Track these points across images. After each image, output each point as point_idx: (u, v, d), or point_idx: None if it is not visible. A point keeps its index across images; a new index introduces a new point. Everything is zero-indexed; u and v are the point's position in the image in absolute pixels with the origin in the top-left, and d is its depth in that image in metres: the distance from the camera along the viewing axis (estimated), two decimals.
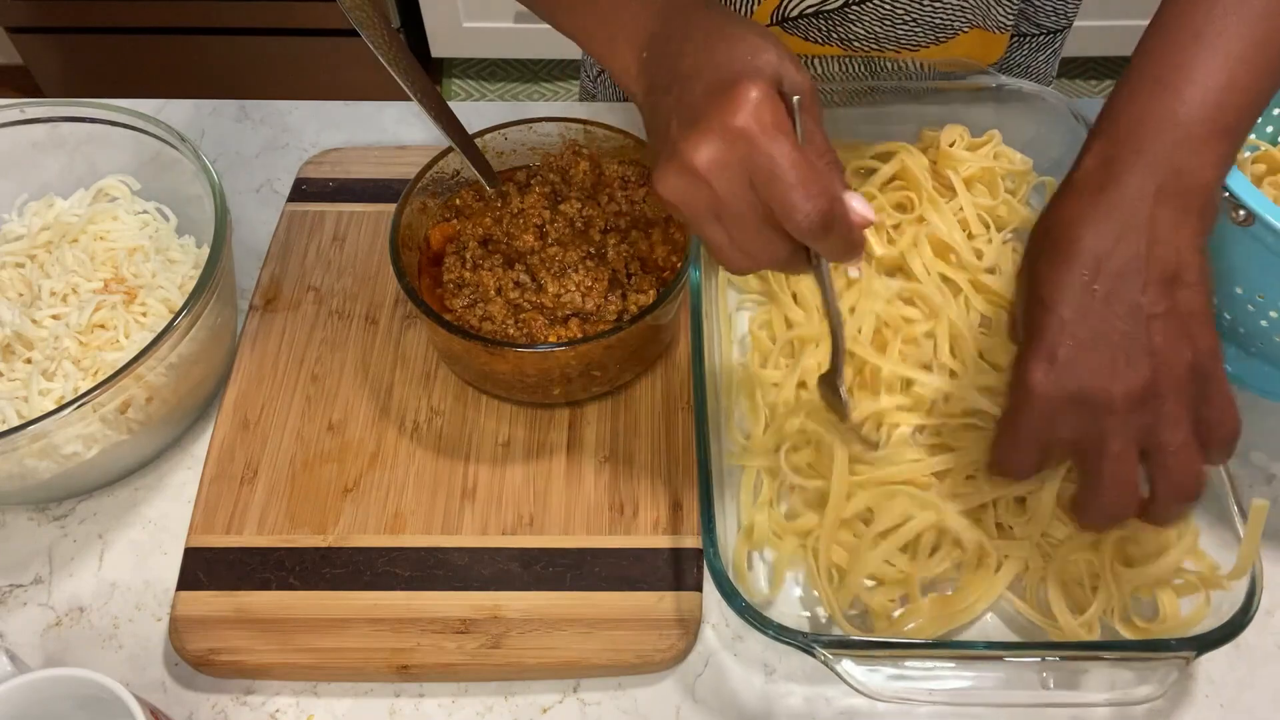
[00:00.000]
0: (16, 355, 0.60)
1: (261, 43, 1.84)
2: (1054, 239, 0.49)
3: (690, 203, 0.44)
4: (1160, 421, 0.46)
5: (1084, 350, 0.46)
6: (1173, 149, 0.48)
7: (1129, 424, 0.46)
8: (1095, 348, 0.46)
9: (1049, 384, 0.47)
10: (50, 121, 0.66)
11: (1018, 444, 0.49)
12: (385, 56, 0.57)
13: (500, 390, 0.62)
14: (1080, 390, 0.46)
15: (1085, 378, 0.46)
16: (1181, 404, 0.47)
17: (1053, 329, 0.47)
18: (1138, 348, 0.46)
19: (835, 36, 0.78)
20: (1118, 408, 0.46)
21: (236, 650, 0.54)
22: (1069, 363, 0.47)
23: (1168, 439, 0.46)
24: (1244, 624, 0.49)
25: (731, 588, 0.50)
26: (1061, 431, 0.48)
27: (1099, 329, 0.47)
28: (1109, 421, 0.46)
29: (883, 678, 0.49)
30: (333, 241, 0.72)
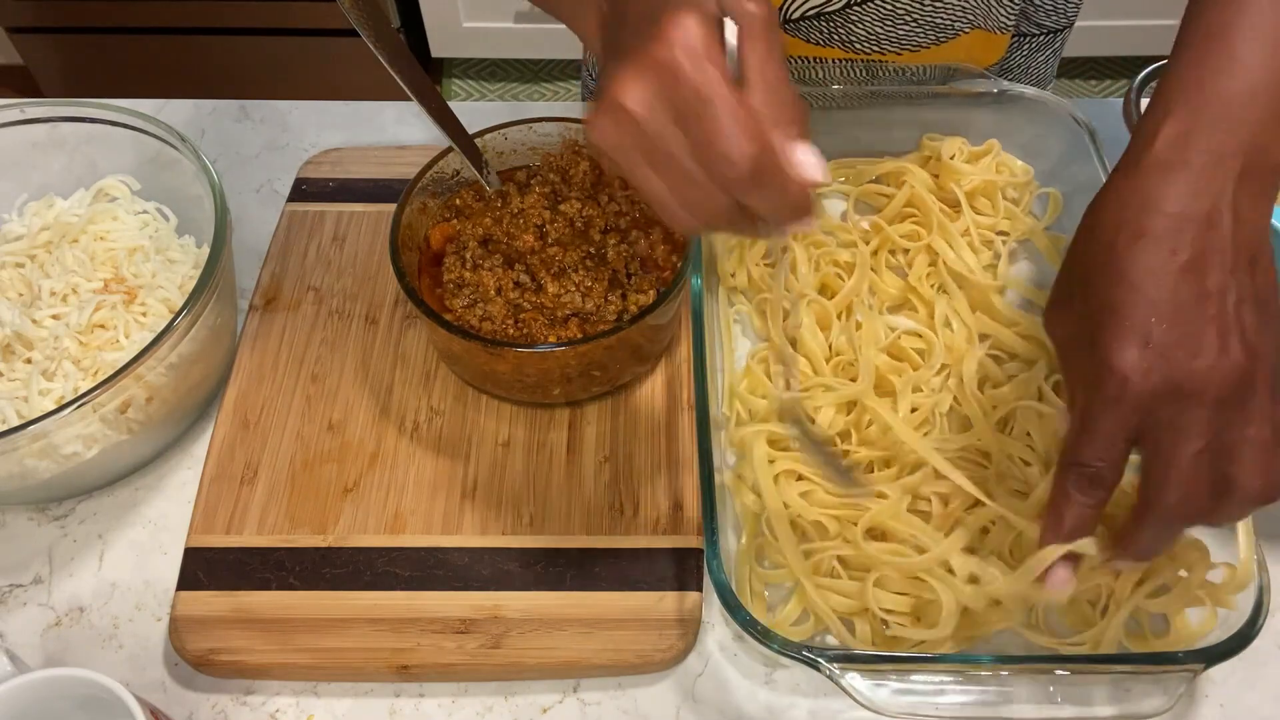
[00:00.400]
0: (16, 355, 0.60)
1: (261, 43, 1.84)
2: (1131, 216, 0.45)
3: (620, 145, 0.40)
4: (1250, 415, 0.43)
5: (1179, 333, 0.42)
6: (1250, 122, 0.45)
7: (1216, 418, 0.43)
8: (1188, 331, 0.42)
9: (1143, 372, 0.43)
10: (50, 121, 0.66)
11: (1100, 439, 0.44)
12: (385, 56, 0.57)
13: (500, 390, 0.62)
14: (1178, 378, 0.42)
15: (1184, 364, 0.42)
16: (1269, 399, 0.43)
17: (1141, 309, 0.43)
18: (1232, 331, 0.42)
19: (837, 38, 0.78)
20: (1209, 399, 0.42)
21: (236, 650, 0.54)
22: (1165, 348, 0.42)
23: (1255, 434, 0.43)
24: (1252, 635, 0.49)
25: (735, 601, 0.49)
26: (1143, 424, 0.43)
27: (1193, 311, 0.43)
28: (1195, 414, 0.43)
29: (888, 692, 0.49)
30: (333, 241, 0.72)
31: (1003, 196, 0.72)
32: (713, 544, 0.51)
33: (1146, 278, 0.44)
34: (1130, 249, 0.44)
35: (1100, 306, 0.45)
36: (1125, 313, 0.44)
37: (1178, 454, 0.43)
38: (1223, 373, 0.42)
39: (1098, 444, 0.44)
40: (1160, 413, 0.43)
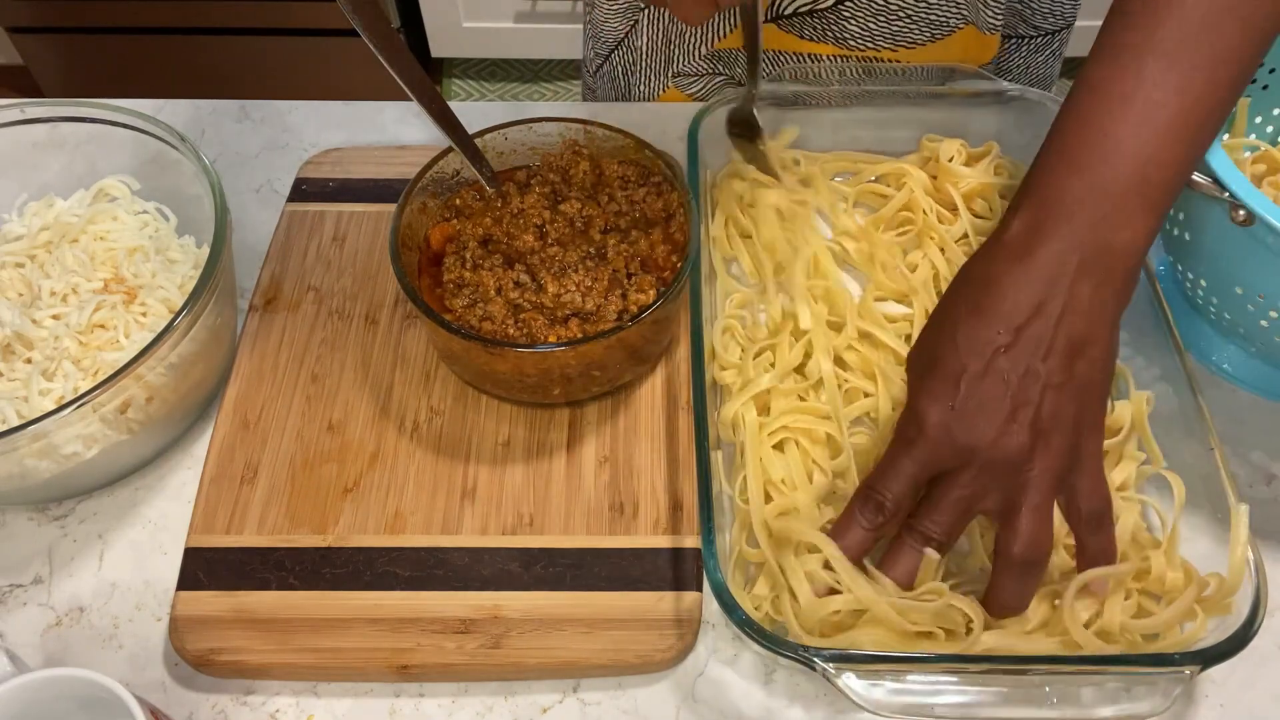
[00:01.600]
0: (16, 355, 0.60)
1: (261, 43, 1.84)
2: (977, 293, 0.51)
3: None
4: (1023, 486, 0.49)
5: (979, 404, 0.49)
6: (1098, 222, 0.50)
7: (984, 480, 0.49)
8: (988, 405, 0.49)
9: (940, 428, 0.49)
10: (50, 121, 0.66)
11: (896, 472, 0.51)
12: (385, 56, 0.57)
13: (500, 390, 0.62)
14: (967, 437, 0.49)
15: (972, 431, 0.49)
16: (1050, 472, 0.49)
17: (955, 377, 0.50)
18: (1025, 410, 0.49)
19: (830, 35, 0.78)
20: (986, 463, 0.49)
21: (236, 650, 0.54)
22: (963, 414, 0.49)
23: (1024, 499, 0.49)
24: (1249, 638, 0.49)
25: (732, 601, 0.49)
26: (931, 471, 0.51)
27: (996, 388, 0.49)
28: (969, 470, 0.49)
29: (884, 692, 0.49)
30: (333, 241, 0.72)
31: (1000, 196, 0.72)
32: (710, 544, 0.51)
33: (969, 349, 0.50)
34: (965, 320, 0.51)
35: (930, 361, 0.51)
36: (942, 374, 0.50)
37: (943, 496, 0.50)
38: (1004, 446, 0.48)
39: (888, 476, 0.51)
40: (945, 464, 0.50)
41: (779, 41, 0.80)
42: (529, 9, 1.89)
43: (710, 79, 0.86)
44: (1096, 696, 0.51)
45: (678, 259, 0.62)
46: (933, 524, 0.51)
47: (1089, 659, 0.51)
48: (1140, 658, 0.50)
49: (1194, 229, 0.60)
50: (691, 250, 0.60)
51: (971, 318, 0.51)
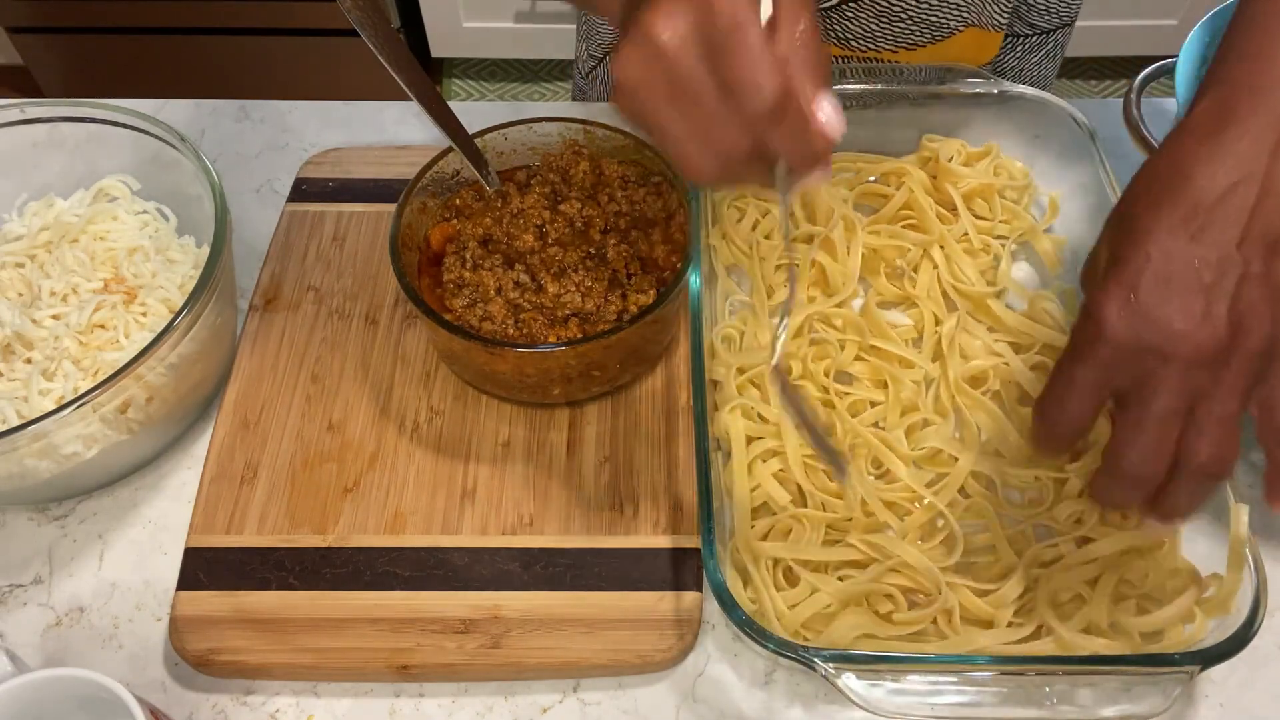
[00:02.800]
0: (16, 355, 0.60)
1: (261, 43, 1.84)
2: (1161, 178, 0.46)
3: (646, 81, 0.40)
4: (1217, 387, 0.43)
5: (1163, 292, 0.43)
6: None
7: (1186, 382, 0.43)
8: (1175, 292, 0.43)
9: (1121, 323, 0.44)
10: (50, 121, 0.66)
11: (1075, 386, 0.45)
12: (385, 56, 0.57)
13: (500, 390, 0.62)
14: (1151, 335, 0.43)
15: (1159, 322, 0.43)
16: (1244, 375, 0.43)
17: (1136, 264, 0.44)
18: (1220, 302, 0.43)
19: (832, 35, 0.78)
20: (1180, 361, 0.43)
21: (236, 650, 0.54)
22: (1146, 304, 0.44)
23: (1218, 408, 0.43)
24: (1249, 638, 0.49)
25: (731, 600, 0.49)
26: (1119, 378, 0.45)
27: (1184, 273, 0.43)
28: (1166, 374, 0.43)
29: (884, 692, 0.49)
30: (333, 241, 0.72)
31: (1001, 197, 0.72)
32: (710, 544, 0.51)
33: (1151, 239, 0.44)
34: (1147, 211, 0.45)
35: (1108, 262, 0.46)
36: (1122, 268, 0.45)
37: (1145, 411, 0.44)
38: (1198, 340, 0.43)
39: (1063, 395, 0.46)
40: (1132, 369, 0.44)
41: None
42: (529, 9, 1.89)
43: None
44: (1096, 696, 0.51)
45: (678, 259, 0.62)
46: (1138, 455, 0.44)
47: (1089, 659, 0.51)
48: (1140, 658, 0.50)
49: None
50: (691, 250, 0.60)
51: (1154, 208, 0.45)
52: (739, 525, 0.56)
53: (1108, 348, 0.44)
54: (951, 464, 0.59)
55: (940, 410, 0.62)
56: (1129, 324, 0.44)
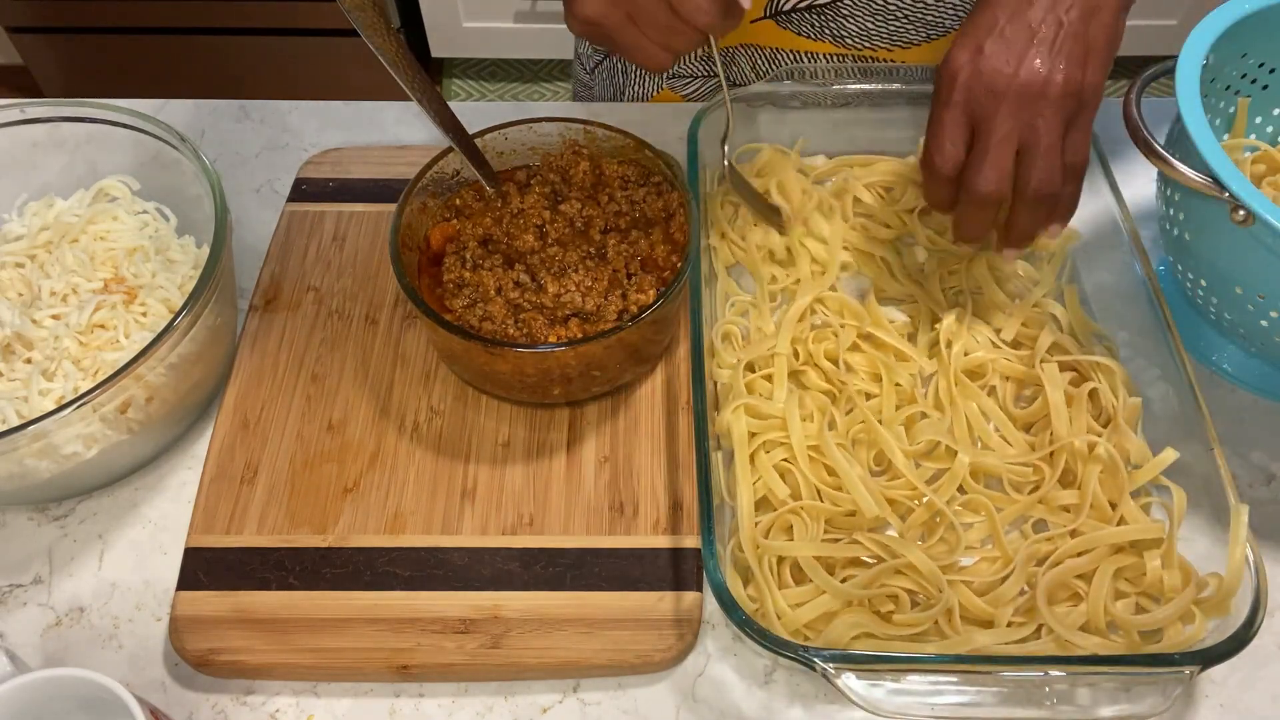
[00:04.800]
0: (16, 355, 0.60)
1: (261, 43, 1.84)
2: None
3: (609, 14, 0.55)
4: (1040, 120, 0.55)
5: (1002, 46, 0.55)
6: None
7: (1017, 114, 0.55)
8: (1012, 44, 0.55)
9: (968, 70, 0.56)
10: (50, 121, 0.66)
11: (941, 131, 0.57)
12: (385, 57, 0.57)
13: (500, 390, 0.62)
14: (991, 74, 0.55)
15: (997, 64, 0.55)
16: (1058, 115, 0.55)
17: (985, 25, 0.56)
18: (1044, 53, 0.55)
19: (828, 32, 0.78)
20: (1011, 96, 0.55)
21: (236, 650, 0.54)
22: (990, 52, 0.55)
23: (1042, 138, 0.55)
24: (1248, 638, 0.49)
25: (731, 600, 0.49)
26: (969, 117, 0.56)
27: (1021, 31, 0.55)
28: (1002, 108, 0.55)
29: (884, 692, 0.49)
30: (333, 241, 0.72)
31: None
32: (710, 544, 0.51)
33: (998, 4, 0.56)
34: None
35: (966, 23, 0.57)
36: (974, 27, 0.56)
37: (988, 140, 0.56)
38: (1026, 77, 0.55)
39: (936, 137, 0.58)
40: (979, 108, 0.56)
41: (777, 39, 0.80)
42: (529, 9, 1.89)
43: (705, 80, 0.86)
44: (1096, 696, 0.51)
45: (678, 259, 0.62)
46: (985, 175, 0.56)
47: (1089, 659, 0.51)
48: (1140, 658, 0.50)
49: (1194, 229, 0.60)
50: (691, 250, 0.60)
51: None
52: (742, 524, 0.56)
53: (959, 91, 0.56)
54: (950, 458, 0.59)
55: (938, 405, 0.62)
56: (973, 70, 0.55)
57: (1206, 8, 0.63)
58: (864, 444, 0.60)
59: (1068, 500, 0.58)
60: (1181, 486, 0.56)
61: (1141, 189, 0.76)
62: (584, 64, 0.94)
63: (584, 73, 0.94)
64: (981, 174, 0.56)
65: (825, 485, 0.58)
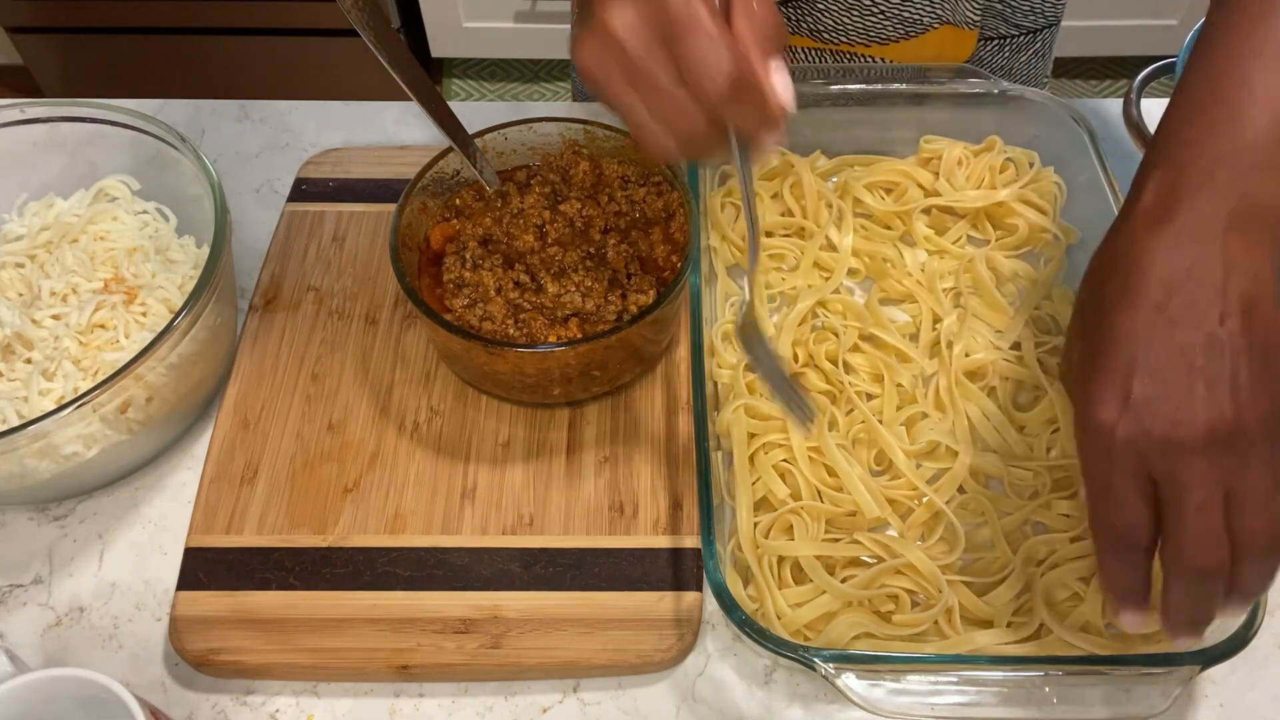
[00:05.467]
0: (16, 355, 0.60)
1: (261, 43, 1.84)
2: (1119, 272, 0.46)
3: (605, 65, 0.43)
4: (1247, 464, 0.42)
5: (1160, 386, 0.43)
6: (1242, 174, 0.45)
7: (1214, 467, 0.42)
8: (1172, 383, 0.43)
9: (1126, 425, 0.43)
10: (50, 121, 0.66)
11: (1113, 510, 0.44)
12: (385, 57, 0.57)
13: (500, 390, 0.62)
14: (1159, 428, 0.42)
15: (1162, 415, 0.42)
16: (1270, 446, 0.42)
17: (1123, 366, 0.44)
18: (1219, 382, 0.42)
19: (805, 26, 0.78)
20: (1200, 447, 0.42)
21: (236, 650, 0.54)
22: (1145, 400, 0.43)
23: (1255, 484, 0.42)
24: (1248, 638, 0.48)
25: (731, 600, 0.49)
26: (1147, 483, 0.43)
27: (1174, 364, 0.43)
28: (1191, 465, 0.42)
29: (884, 692, 0.49)
30: (333, 241, 0.72)
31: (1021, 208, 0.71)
32: (710, 544, 0.51)
33: (1129, 334, 0.44)
34: (1116, 305, 0.45)
35: (1087, 363, 0.46)
36: (1106, 368, 0.44)
37: (1183, 506, 0.43)
38: (1208, 423, 0.42)
39: (1110, 502, 0.44)
40: (1157, 467, 0.43)
41: None
42: (529, 9, 1.89)
43: None
44: (1096, 696, 0.51)
45: (678, 259, 0.62)
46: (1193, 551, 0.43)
47: (1089, 659, 0.51)
48: (1140, 658, 0.50)
49: None
50: (691, 250, 0.60)
51: (1121, 299, 0.45)
52: (741, 524, 0.56)
53: (1122, 460, 0.43)
54: (951, 459, 0.59)
55: (939, 405, 0.62)
56: (1134, 424, 0.43)
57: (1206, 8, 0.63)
58: (864, 444, 0.60)
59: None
60: None
61: None
62: None
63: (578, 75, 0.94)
64: (1188, 544, 0.43)
65: (825, 486, 0.58)
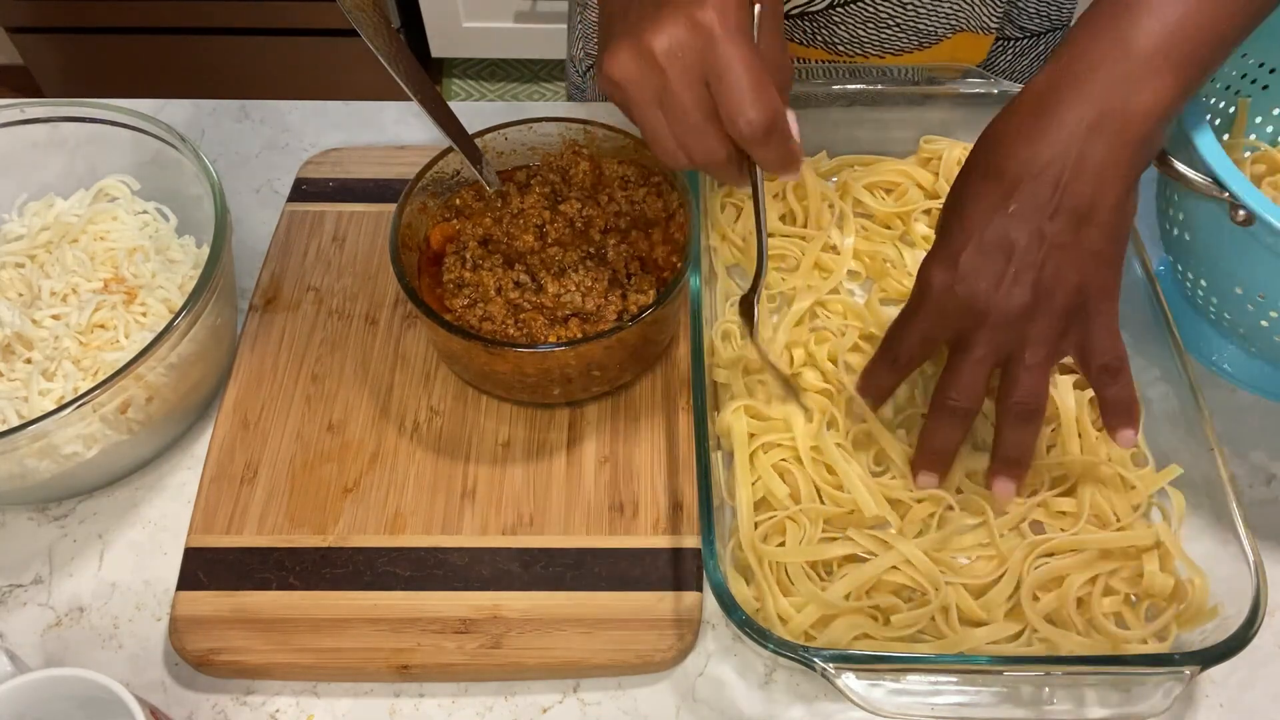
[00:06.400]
0: (16, 355, 0.60)
1: (261, 43, 1.84)
2: (987, 154, 0.52)
3: (639, 84, 0.45)
4: (1023, 341, 0.51)
5: (981, 262, 0.50)
6: (1117, 80, 0.49)
7: (995, 337, 0.51)
8: (991, 262, 0.50)
9: (944, 285, 0.51)
10: (50, 121, 0.66)
11: (906, 334, 0.54)
12: (385, 56, 0.57)
13: (500, 390, 0.62)
14: (968, 296, 0.50)
15: (975, 286, 0.50)
16: (1051, 330, 0.51)
17: (961, 238, 0.51)
18: (1027, 271, 0.50)
19: (819, 39, 0.78)
20: (991, 320, 0.50)
21: (236, 650, 0.54)
22: (966, 271, 0.51)
23: (1024, 356, 0.51)
24: (1248, 638, 0.48)
25: (731, 601, 0.49)
26: (942, 331, 0.53)
27: (999, 248, 0.50)
28: (979, 330, 0.51)
29: (884, 692, 0.49)
30: (333, 241, 0.72)
31: None
32: (710, 544, 0.51)
33: (975, 213, 0.51)
34: (974, 184, 0.52)
35: (943, 225, 0.53)
36: (949, 238, 0.52)
37: (963, 359, 0.52)
38: (1007, 303, 0.50)
39: (901, 333, 0.54)
40: (955, 325, 0.52)
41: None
42: (529, 9, 1.89)
43: None
44: (1096, 696, 0.51)
45: (678, 259, 0.62)
46: (955, 392, 0.52)
47: (1089, 659, 0.51)
48: (1140, 658, 0.50)
49: (1194, 229, 0.60)
50: (691, 250, 0.60)
51: (980, 181, 0.51)
52: (741, 525, 0.56)
53: (932, 307, 0.52)
54: None
55: None
56: (948, 288, 0.51)
57: None
58: (864, 444, 0.60)
59: (1067, 507, 0.57)
60: (1181, 487, 0.56)
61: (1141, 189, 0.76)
62: (576, 67, 0.94)
63: (576, 75, 0.94)
64: (954, 388, 0.52)
65: (825, 485, 0.58)
